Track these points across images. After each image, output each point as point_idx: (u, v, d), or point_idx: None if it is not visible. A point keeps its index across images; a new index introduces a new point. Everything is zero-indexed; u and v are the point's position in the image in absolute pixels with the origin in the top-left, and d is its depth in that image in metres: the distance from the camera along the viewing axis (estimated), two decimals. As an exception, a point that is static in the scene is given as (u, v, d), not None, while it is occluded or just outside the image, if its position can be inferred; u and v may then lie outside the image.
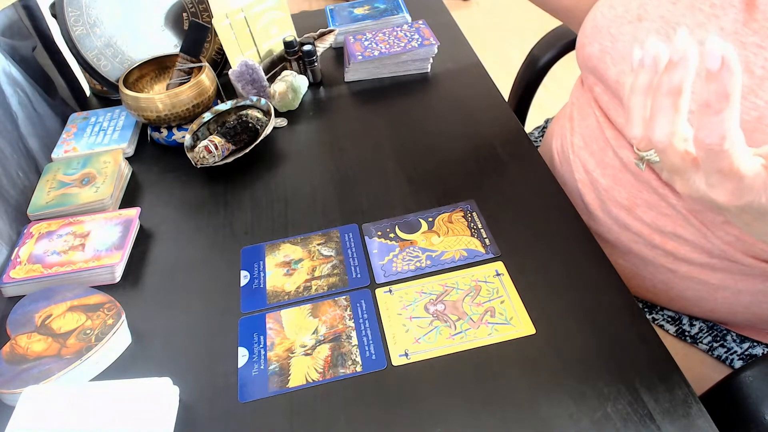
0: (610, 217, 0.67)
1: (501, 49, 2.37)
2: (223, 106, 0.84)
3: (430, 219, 0.68)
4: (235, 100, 0.85)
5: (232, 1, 0.90)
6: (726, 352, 0.66)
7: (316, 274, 0.63)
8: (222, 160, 0.78)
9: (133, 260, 0.68)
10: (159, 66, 0.91)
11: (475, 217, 0.67)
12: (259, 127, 0.80)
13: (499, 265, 0.61)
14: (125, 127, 0.87)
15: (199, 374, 0.55)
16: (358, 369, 0.54)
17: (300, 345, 0.57)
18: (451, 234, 0.66)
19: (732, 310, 0.64)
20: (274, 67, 0.94)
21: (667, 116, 0.38)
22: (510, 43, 2.42)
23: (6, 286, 0.65)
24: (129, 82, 0.86)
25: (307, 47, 0.90)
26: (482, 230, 0.66)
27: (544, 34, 1.07)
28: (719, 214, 0.57)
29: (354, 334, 0.57)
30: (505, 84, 1.03)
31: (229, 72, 0.87)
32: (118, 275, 0.66)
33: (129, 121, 0.88)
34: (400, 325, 0.57)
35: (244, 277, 0.64)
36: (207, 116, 0.83)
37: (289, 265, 0.65)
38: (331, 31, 0.98)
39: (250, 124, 0.80)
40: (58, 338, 0.57)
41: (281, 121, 0.87)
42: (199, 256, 0.68)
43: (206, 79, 0.84)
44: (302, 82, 0.89)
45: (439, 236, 0.66)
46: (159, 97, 0.80)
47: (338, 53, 1.03)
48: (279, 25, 0.96)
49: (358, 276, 0.63)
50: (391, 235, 0.67)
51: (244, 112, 0.81)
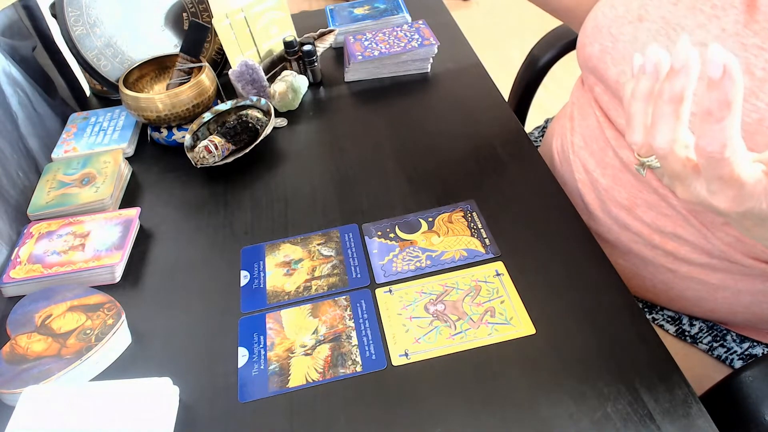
0: (610, 217, 0.67)
1: (501, 49, 2.37)
2: (223, 106, 0.84)
3: (430, 219, 0.68)
4: (235, 100, 0.85)
5: (232, 1, 0.90)
6: (726, 352, 0.66)
7: (316, 274, 0.63)
8: (222, 160, 0.78)
9: (133, 260, 0.68)
10: (159, 66, 0.91)
11: (475, 217, 0.67)
12: (259, 127, 0.80)
13: (499, 265, 0.61)
14: (125, 127, 0.87)
15: (199, 374, 0.55)
16: (358, 369, 0.54)
17: (300, 345, 0.57)
18: (451, 234, 0.66)
19: (732, 310, 0.64)
20: (274, 67, 0.94)
21: (668, 123, 0.37)
22: (510, 43, 2.42)
23: (6, 286, 0.65)
24: (129, 82, 0.86)
25: (307, 47, 0.90)
26: (482, 230, 0.66)
27: (544, 34, 1.07)
28: (719, 216, 0.57)
29: (354, 334, 0.57)
30: (505, 84, 1.03)
31: (229, 72, 0.87)
32: (118, 275, 0.66)
33: (129, 121, 0.88)
34: (400, 325, 0.57)
35: (244, 277, 0.64)
36: (207, 116, 0.83)
37: (289, 265, 0.65)
38: (331, 31, 0.98)
39: (250, 124, 0.80)
40: (58, 338, 0.57)
41: (281, 121, 0.87)
42: (199, 256, 0.68)
43: (206, 79, 0.84)
44: (302, 82, 0.89)
45: (439, 236, 0.66)
46: (159, 97, 0.80)
47: (338, 53, 1.03)
48: (279, 25, 0.96)
49: (358, 276, 0.63)
50: (391, 235, 0.67)
51: (244, 112, 0.81)
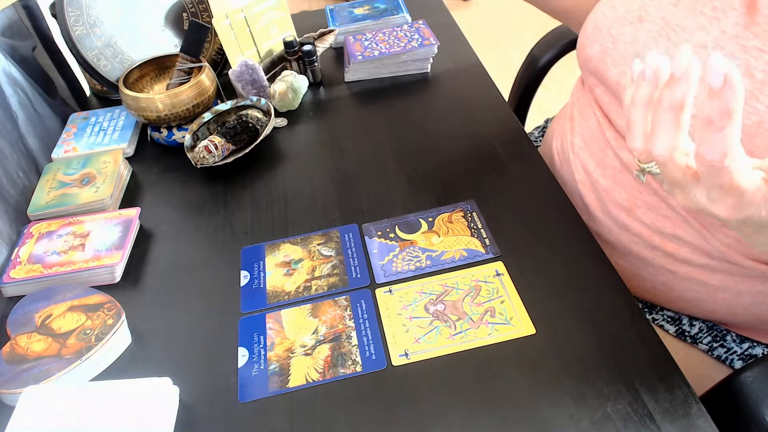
0: (609, 217, 0.67)
1: (501, 49, 2.37)
2: (223, 106, 0.84)
3: (430, 219, 0.68)
4: (235, 100, 0.85)
5: (232, 1, 0.90)
6: (726, 352, 0.66)
7: (316, 274, 0.63)
8: (222, 160, 0.78)
9: (133, 260, 0.68)
10: (159, 66, 0.91)
11: (475, 217, 0.67)
12: (259, 127, 0.80)
13: (499, 265, 0.61)
14: (125, 127, 0.87)
15: (199, 374, 0.55)
16: (358, 369, 0.54)
17: (300, 345, 0.57)
18: (451, 234, 0.66)
19: (732, 311, 0.64)
20: (274, 67, 0.94)
21: (668, 131, 0.37)
22: (510, 43, 2.42)
23: (6, 286, 0.65)
24: (129, 82, 0.86)
25: (307, 47, 0.90)
26: (482, 230, 0.66)
27: (544, 34, 1.07)
28: (719, 222, 0.56)
29: (354, 334, 0.57)
30: (505, 84, 1.03)
31: (229, 72, 0.87)
32: (118, 275, 0.66)
33: (129, 121, 0.88)
34: (400, 325, 0.57)
35: (244, 277, 0.64)
36: (207, 116, 0.83)
37: (289, 265, 0.65)
38: (331, 31, 0.98)
39: (250, 124, 0.80)
40: (58, 338, 0.57)
41: (281, 121, 0.87)
42: (199, 256, 0.68)
43: (206, 79, 0.84)
44: (302, 82, 0.89)
45: (439, 236, 0.66)
46: (159, 97, 0.80)
47: (338, 53, 1.03)
48: (279, 25, 0.96)
49: (358, 276, 0.63)
50: (391, 235, 0.67)
51: (244, 112, 0.81)
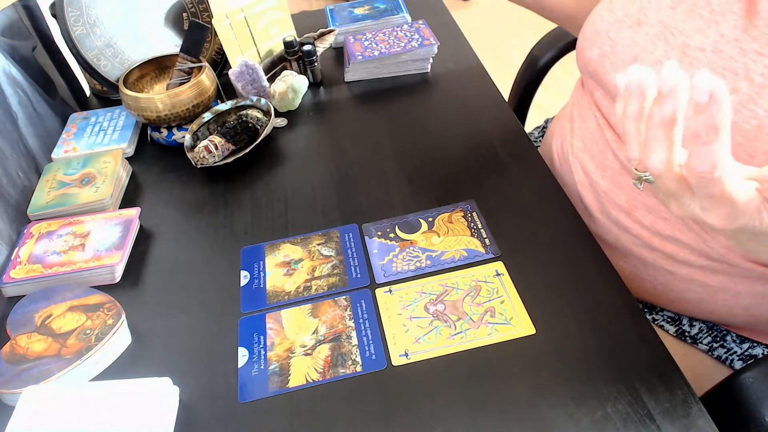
0: (609, 219, 0.67)
1: (501, 49, 2.37)
2: (223, 106, 0.84)
3: (430, 219, 0.68)
4: (235, 100, 0.85)
5: (232, 1, 0.90)
6: (726, 353, 0.66)
7: (316, 274, 0.63)
8: (222, 160, 0.78)
9: (133, 260, 0.68)
10: (159, 66, 0.91)
11: (475, 217, 0.67)
12: (259, 127, 0.80)
13: (499, 265, 0.61)
14: (125, 127, 0.87)
15: (199, 374, 0.55)
16: (358, 369, 0.54)
17: (300, 345, 0.57)
18: (451, 234, 0.66)
19: (731, 312, 0.64)
20: (274, 67, 0.94)
21: (660, 145, 0.37)
22: (510, 43, 2.42)
23: (6, 286, 0.65)
24: (129, 82, 0.86)
25: (307, 47, 0.90)
26: (482, 230, 0.66)
27: (544, 34, 1.07)
28: (714, 231, 0.56)
29: (354, 334, 0.57)
30: (505, 84, 1.03)
31: (229, 72, 0.87)
32: (118, 275, 0.66)
33: (129, 121, 0.88)
34: (400, 325, 0.57)
35: (244, 277, 0.64)
36: (207, 116, 0.83)
37: (289, 265, 0.65)
38: (331, 31, 0.98)
39: (250, 124, 0.80)
40: (58, 338, 0.57)
41: (281, 121, 0.87)
42: (199, 256, 0.68)
43: (206, 79, 0.84)
44: (302, 82, 0.89)
45: (439, 236, 0.66)
46: (159, 97, 0.80)
47: (338, 53, 1.03)
48: (279, 25, 0.96)
49: (358, 276, 0.63)
50: (391, 235, 0.67)
51: (244, 112, 0.81)
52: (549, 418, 0.48)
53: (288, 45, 0.91)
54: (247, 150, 0.78)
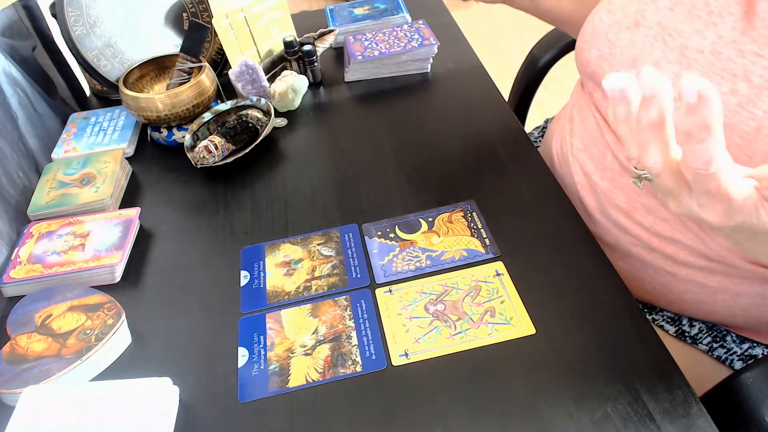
0: (608, 219, 0.67)
1: (501, 49, 2.37)
2: (223, 106, 0.84)
3: (430, 219, 0.68)
4: (235, 100, 0.85)
5: (232, 1, 0.90)
6: (726, 353, 0.66)
7: (316, 274, 0.63)
8: (222, 160, 0.78)
9: (133, 260, 0.68)
10: (159, 66, 0.91)
11: (475, 217, 0.67)
12: (259, 127, 0.80)
13: (499, 265, 0.61)
14: (125, 127, 0.87)
15: (199, 374, 0.55)
16: (358, 369, 0.54)
17: (300, 345, 0.57)
18: (451, 234, 0.66)
19: (731, 313, 0.64)
20: (274, 67, 0.94)
21: (655, 146, 0.38)
22: (510, 43, 2.42)
23: (6, 286, 0.65)
24: (129, 82, 0.86)
25: (307, 47, 0.90)
26: (482, 230, 0.66)
27: (544, 34, 1.07)
28: (712, 230, 0.56)
29: (354, 334, 0.57)
30: (505, 84, 1.03)
31: (229, 72, 0.87)
32: (118, 275, 0.66)
33: (129, 121, 0.88)
34: (400, 325, 0.57)
35: (244, 277, 0.64)
36: (207, 116, 0.83)
37: (289, 265, 0.65)
38: (331, 31, 0.98)
39: (250, 124, 0.80)
40: (58, 338, 0.57)
41: (281, 121, 0.87)
42: (199, 256, 0.68)
43: (206, 79, 0.84)
44: (302, 82, 0.89)
45: (439, 236, 0.66)
46: (159, 97, 0.80)
47: (338, 53, 1.03)
48: (279, 25, 0.96)
49: (358, 276, 0.63)
50: (391, 235, 0.67)
51: (244, 112, 0.81)
52: (549, 418, 0.48)
53: (288, 45, 0.91)
54: (247, 150, 0.78)
